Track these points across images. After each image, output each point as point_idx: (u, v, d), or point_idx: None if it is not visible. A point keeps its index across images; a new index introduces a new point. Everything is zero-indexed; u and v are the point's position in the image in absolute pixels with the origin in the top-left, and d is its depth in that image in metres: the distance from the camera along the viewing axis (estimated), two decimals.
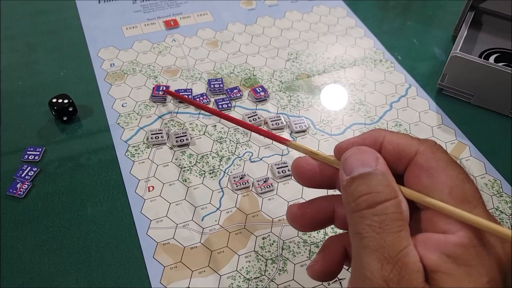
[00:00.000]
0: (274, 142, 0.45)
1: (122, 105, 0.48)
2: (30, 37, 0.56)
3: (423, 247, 0.22)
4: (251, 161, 0.44)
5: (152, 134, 0.45)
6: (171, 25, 0.58)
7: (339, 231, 0.29)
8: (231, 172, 0.43)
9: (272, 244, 0.38)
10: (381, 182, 0.23)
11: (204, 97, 0.49)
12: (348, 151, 0.25)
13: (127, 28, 0.58)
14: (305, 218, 0.28)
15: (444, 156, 0.24)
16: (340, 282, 0.36)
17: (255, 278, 0.36)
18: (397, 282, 0.21)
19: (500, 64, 0.49)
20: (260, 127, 0.46)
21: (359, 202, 0.23)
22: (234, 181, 0.42)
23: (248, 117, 0.47)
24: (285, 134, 0.46)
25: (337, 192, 0.27)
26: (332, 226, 0.28)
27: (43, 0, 0.61)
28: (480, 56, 0.52)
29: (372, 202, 0.22)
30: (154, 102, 0.49)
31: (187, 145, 0.45)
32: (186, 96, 0.48)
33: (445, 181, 0.23)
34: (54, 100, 0.46)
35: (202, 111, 0.48)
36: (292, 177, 0.29)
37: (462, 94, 0.50)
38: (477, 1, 0.55)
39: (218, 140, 0.45)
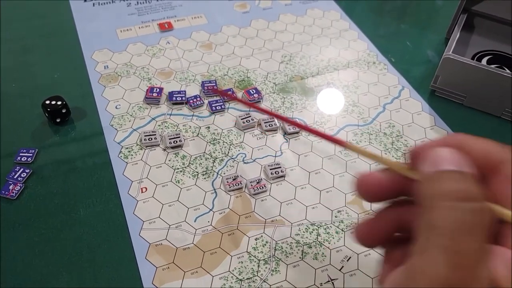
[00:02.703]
0: (268, 143, 0.45)
1: (116, 107, 0.48)
2: (24, 39, 0.56)
3: (492, 259, 0.20)
4: (244, 162, 0.44)
5: (145, 136, 0.45)
6: (166, 27, 0.58)
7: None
8: (224, 173, 0.43)
9: (265, 245, 0.38)
10: (478, 187, 0.21)
11: (198, 99, 0.49)
12: (437, 148, 0.22)
13: (121, 31, 0.58)
14: (378, 235, 0.26)
15: None
16: (333, 283, 0.36)
17: (247, 278, 0.36)
18: None
19: (493, 66, 0.49)
20: (254, 127, 0.47)
21: (452, 192, 0.20)
22: (227, 182, 0.42)
23: (242, 119, 0.47)
24: (279, 136, 0.46)
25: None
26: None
27: (38, 3, 0.61)
28: (472, 58, 0.52)
29: (470, 196, 0.20)
30: (147, 104, 0.49)
31: (180, 146, 0.45)
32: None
33: None
34: (48, 102, 0.46)
35: (196, 113, 0.48)
36: (358, 195, 0.26)
37: (454, 96, 0.51)
38: (470, 4, 0.55)
39: (212, 142, 0.45)
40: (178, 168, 0.43)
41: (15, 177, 0.41)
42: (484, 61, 0.52)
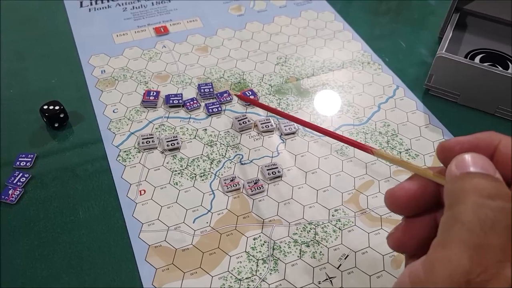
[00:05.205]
0: (264, 144, 0.46)
1: (113, 111, 0.49)
2: (20, 44, 0.56)
3: None
4: (242, 163, 0.44)
5: (143, 139, 0.45)
6: (161, 31, 0.59)
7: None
8: (222, 174, 0.43)
9: (263, 244, 0.38)
10: (505, 189, 0.21)
11: (195, 101, 0.49)
12: (465, 154, 0.22)
13: (117, 35, 0.58)
14: (412, 240, 0.26)
15: None
16: (331, 281, 0.36)
17: (246, 278, 0.36)
18: None
19: (486, 64, 0.50)
20: (250, 128, 0.47)
21: (480, 189, 0.21)
22: (225, 183, 0.42)
23: (238, 120, 0.47)
24: (275, 137, 0.47)
25: None
26: None
27: (33, 9, 0.62)
28: (466, 57, 0.53)
29: (497, 194, 0.20)
30: (145, 107, 0.49)
31: (178, 149, 0.45)
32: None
33: None
34: (45, 107, 0.46)
35: (193, 116, 0.48)
36: (388, 210, 0.26)
37: (448, 94, 0.51)
38: (462, 3, 0.56)
39: (209, 144, 0.46)
40: (176, 170, 0.43)
41: (14, 182, 0.42)
42: (477, 59, 0.53)
